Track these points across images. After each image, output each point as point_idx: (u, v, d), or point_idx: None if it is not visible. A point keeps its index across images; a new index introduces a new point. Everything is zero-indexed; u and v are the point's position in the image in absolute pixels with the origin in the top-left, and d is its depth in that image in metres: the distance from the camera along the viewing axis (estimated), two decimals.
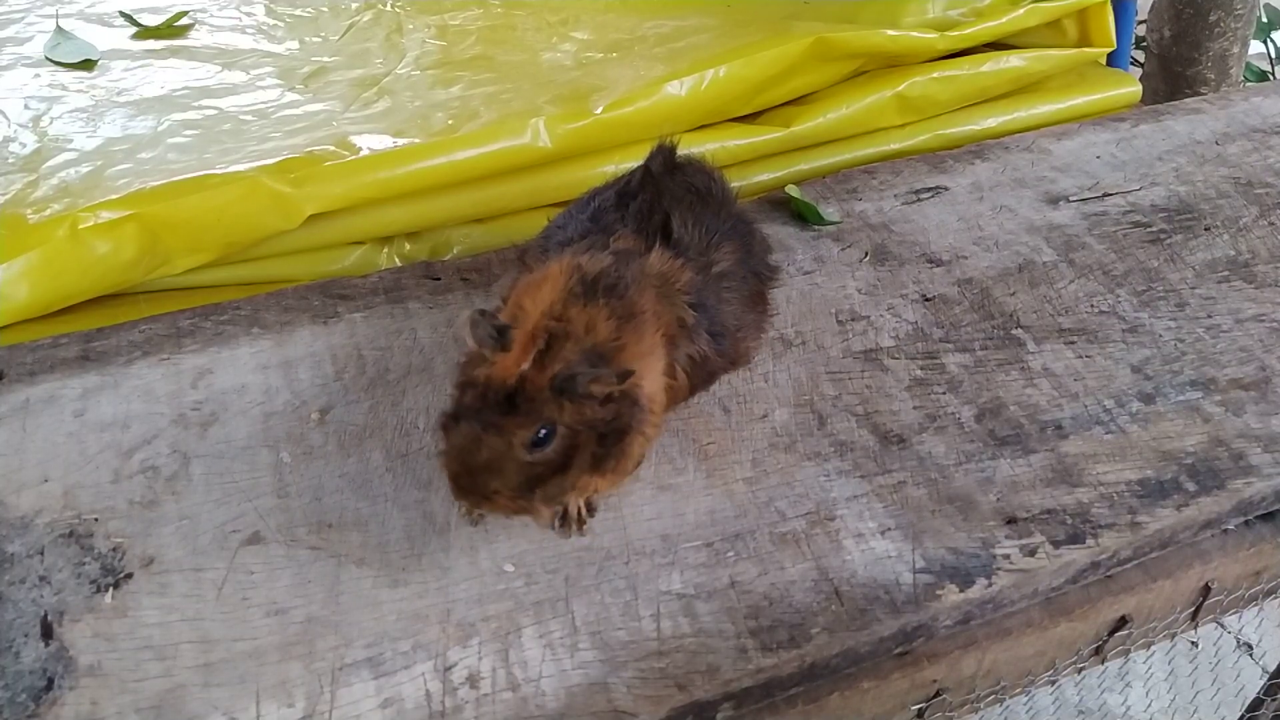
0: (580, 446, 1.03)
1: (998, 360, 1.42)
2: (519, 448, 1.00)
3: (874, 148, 2.02)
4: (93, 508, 1.18)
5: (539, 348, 1.01)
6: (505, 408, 1.00)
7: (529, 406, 1.00)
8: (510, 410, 1.00)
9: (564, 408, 1.01)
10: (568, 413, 1.01)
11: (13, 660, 1.03)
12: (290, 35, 2.19)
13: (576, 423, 1.02)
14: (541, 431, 1.00)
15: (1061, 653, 1.22)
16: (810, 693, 1.09)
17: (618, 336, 1.05)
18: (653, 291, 1.13)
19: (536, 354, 1.01)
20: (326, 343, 1.43)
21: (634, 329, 1.07)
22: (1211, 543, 1.26)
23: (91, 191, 1.59)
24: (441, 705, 1.00)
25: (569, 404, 1.01)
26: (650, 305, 1.11)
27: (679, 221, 1.24)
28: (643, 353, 1.08)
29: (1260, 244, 1.67)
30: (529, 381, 1.00)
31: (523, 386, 1.00)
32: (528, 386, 1.00)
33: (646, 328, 1.09)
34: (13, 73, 2.01)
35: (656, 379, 1.11)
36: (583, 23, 2.21)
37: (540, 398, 1.00)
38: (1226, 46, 2.74)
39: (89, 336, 1.43)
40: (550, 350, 1.01)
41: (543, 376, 1.00)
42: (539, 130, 1.73)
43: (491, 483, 1.01)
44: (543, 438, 1.01)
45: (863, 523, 1.18)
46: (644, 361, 1.08)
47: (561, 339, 1.02)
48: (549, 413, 1.00)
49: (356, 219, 1.71)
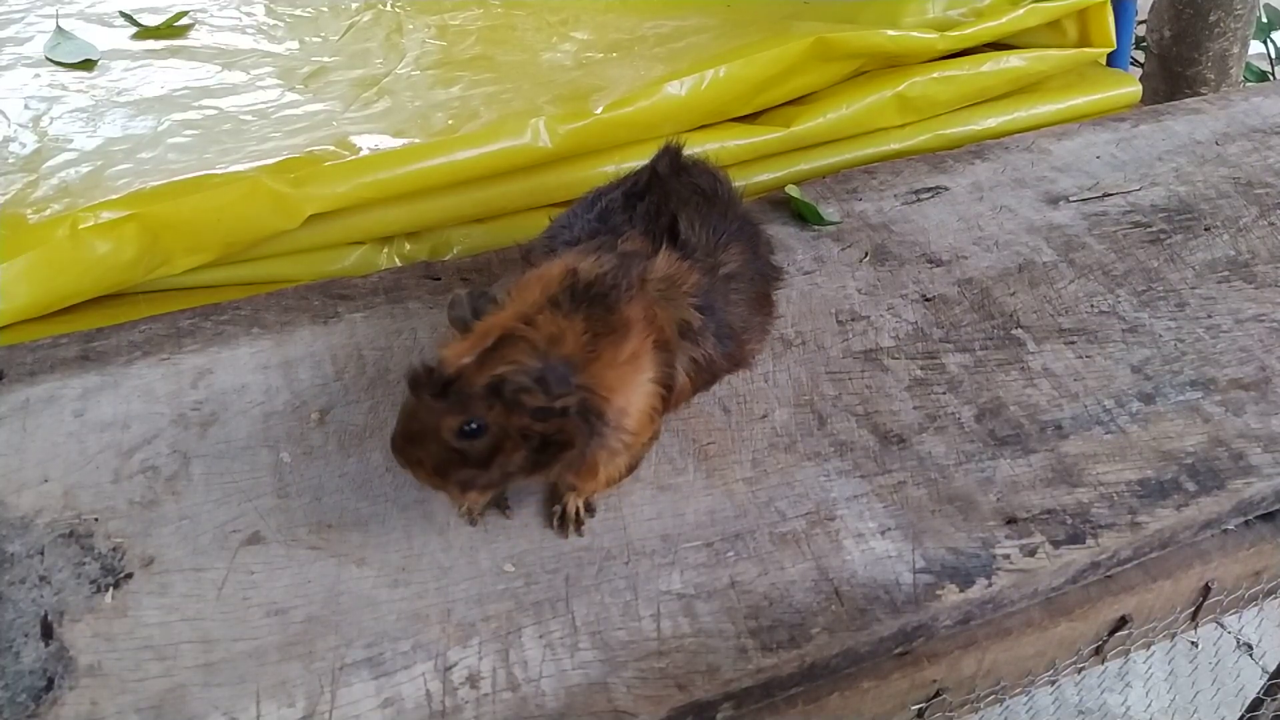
0: (505, 450, 1.04)
1: (998, 360, 1.42)
2: (446, 432, 1.03)
3: (874, 148, 2.02)
4: (93, 508, 1.18)
5: (485, 345, 1.03)
6: (440, 392, 1.02)
7: (458, 399, 1.02)
8: (443, 396, 1.02)
9: (494, 409, 1.02)
10: (497, 414, 1.03)
11: (13, 660, 1.03)
12: (290, 35, 2.19)
13: (506, 426, 1.03)
14: (472, 425, 1.02)
15: (1061, 653, 1.22)
16: (810, 693, 1.09)
17: (592, 349, 1.06)
18: (645, 299, 1.12)
19: (482, 351, 1.03)
20: (326, 343, 1.43)
21: (614, 341, 1.07)
22: (1211, 543, 1.26)
23: (91, 191, 1.59)
24: (441, 705, 1.00)
25: (500, 407, 1.02)
26: (640, 314, 1.11)
27: (686, 223, 1.24)
28: (619, 365, 1.08)
29: (1260, 244, 1.67)
30: (464, 376, 1.02)
31: (459, 378, 1.02)
32: (461, 381, 1.02)
33: (630, 339, 1.09)
34: (13, 73, 2.01)
35: (636, 391, 1.10)
36: (583, 23, 2.21)
37: (471, 393, 1.02)
38: (1226, 46, 2.74)
39: (89, 336, 1.43)
40: (496, 350, 1.03)
41: (479, 374, 1.02)
42: (539, 130, 1.73)
43: (416, 452, 1.05)
44: (472, 430, 1.03)
45: (863, 523, 1.18)
46: (619, 373, 1.08)
47: (513, 341, 1.04)
48: (477, 409, 1.02)
49: (356, 219, 1.71)
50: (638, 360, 1.10)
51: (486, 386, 1.01)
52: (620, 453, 1.12)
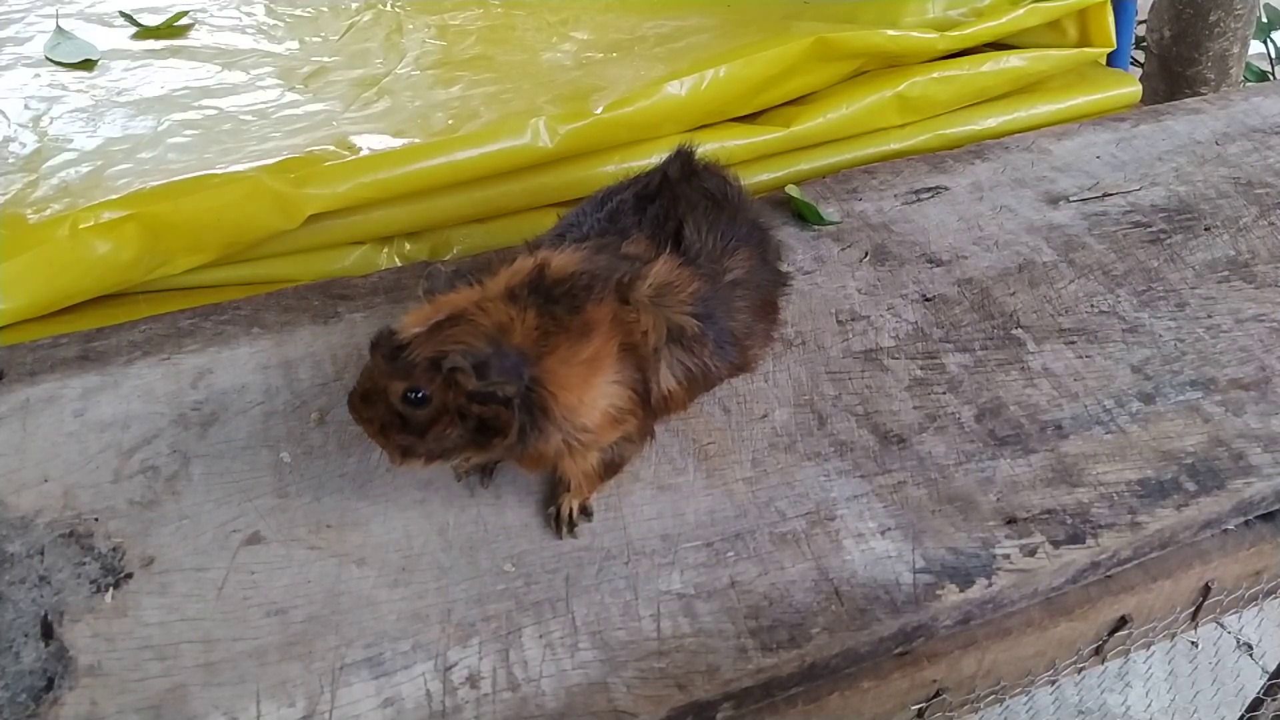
0: (442, 423, 1.08)
1: (998, 360, 1.42)
2: (393, 396, 1.07)
3: (874, 148, 2.02)
4: (93, 508, 1.18)
5: (437, 319, 1.07)
6: (391, 357, 1.06)
7: (403, 366, 1.06)
8: (393, 360, 1.06)
9: (435, 381, 1.06)
10: (439, 388, 1.06)
11: (13, 660, 1.03)
12: (290, 35, 2.19)
13: (446, 401, 1.07)
14: (417, 393, 1.06)
15: (1061, 653, 1.22)
16: (810, 693, 1.09)
17: (544, 344, 1.07)
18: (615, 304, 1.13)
19: (433, 324, 1.07)
20: (326, 343, 1.43)
21: (571, 340, 1.09)
22: (1211, 543, 1.26)
23: (91, 191, 1.59)
24: (441, 705, 1.00)
25: (441, 381, 1.06)
26: (608, 316, 1.12)
27: (692, 229, 1.25)
28: (575, 364, 1.09)
29: (1260, 244, 1.67)
30: (412, 345, 1.06)
31: (408, 346, 1.06)
32: (409, 349, 1.06)
33: (592, 339, 1.10)
34: (13, 73, 2.01)
35: (593, 391, 1.11)
36: (583, 23, 2.21)
37: (415, 363, 1.05)
38: (1226, 46, 2.74)
39: (89, 336, 1.43)
40: (445, 326, 1.06)
41: (425, 346, 1.06)
42: (539, 130, 1.73)
43: (365, 410, 1.10)
44: (417, 399, 1.07)
45: (863, 523, 1.18)
46: (573, 372, 1.09)
47: (463, 322, 1.07)
48: (420, 379, 1.06)
49: (356, 219, 1.71)
50: (598, 361, 1.10)
51: (429, 359, 1.05)
52: (582, 450, 1.13)
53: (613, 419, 1.13)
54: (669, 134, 1.84)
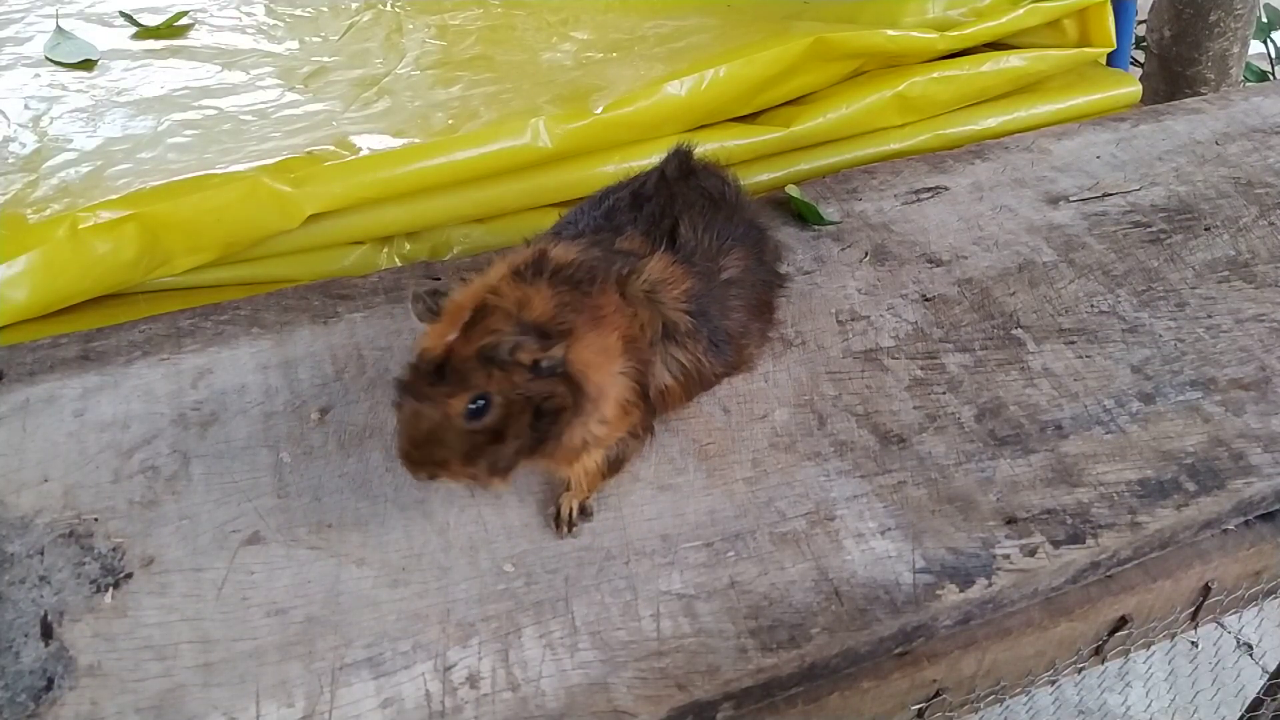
0: (514, 416, 1.03)
1: (998, 360, 1.42)
2: (456, 417, 1.02)
3: (874, 148, 2.02)
4: (93, 508, 1.18)
5: (465, 319, 1.03)
6: (435, 378, 1.01)
7: (456, 376, 1.01)
8: (439, 380, 1.01)
9: (492, 376, 1.02)
10: (497, 381, 1.02)
11: (13, 660, 1.03)
12: (290, 35, 2.19)
13: (508, 392, 1.03)
14: (478, 401, 1.01)
15: (1061, 653, 1.22)
16: (810, 693, 1.09)
17: (562, 320, 1.06)
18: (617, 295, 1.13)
19: (463, 325, 1.03)
20: (326, 343, 1.43)
21: (586, 320, 1.07)
22: (1211, 543, 1.26)
23: (91, 191, 1.59)
24: (441, 705, 1.00)
25: (498, 372, 1.02)
26: (612, 306, 1.11)
27: (688, 227, 1.25)
28: (593, 348, 1.08)
29: (1260, 244, 1.67)
30: (454, 351, 1.02)
31: (449, 356, 1.02)
32: (454, 356, 1.02)
33: (602, 326, 1.09)
34: (13, 73, 2.01)
35: (611, 377, 1.10)
36: (583, 23, 2.21)
37: (467, 367, 1.01)
38: (1226, 46, 2.74)
39: (89, 336, 1.43)
40: (477, 321, 1.03)
41: (469, 346, 1.02)
42: (539, 130, 1.73)
43: (438, 452, 1.03)
44: (479, 408, 1.02)
45: (863, 523, 1.18)
46: (594, 355, 1.08)
47: (490, 311, 1.04)
48: (477, 381, 1.01)
49: (356, 219, 1.71)
50: (610, 349, 1.10)
51: (478, 355, 1.01)
52: (595, 444, 1.13)
53: (623, 410, 1.13)
54: (669, 134, 1.84)
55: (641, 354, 1.14)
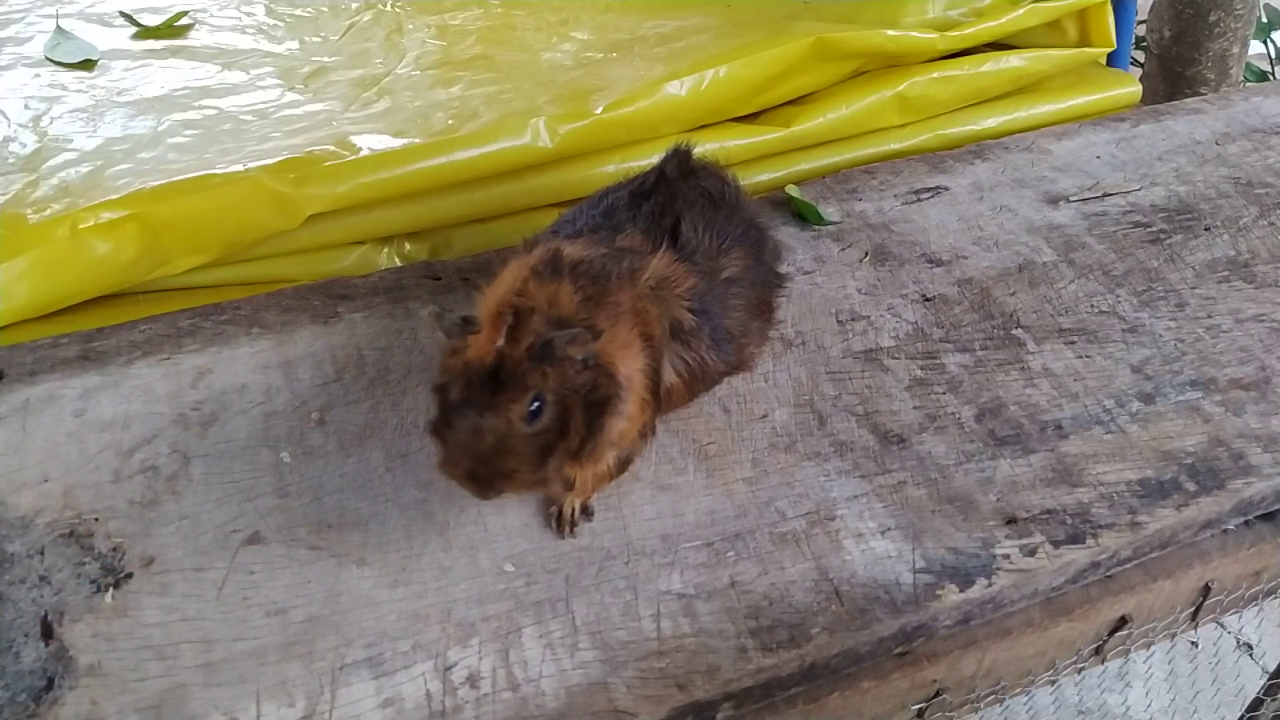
0: (571, 410, 1.03)
1: (998, 360, 1.42)
2: (519, 422, 1.00)
3: (874, 148, 2.02)
4: (93, 508, 1.18)
5: (508, 323, 1.02)
6: (491, 387, 1.00)
7: (513, 380, 1.00)
8: (497, 389, 1.00)
9: (546, 375, 1.01)
10: (551, 379, 1.01)
11: (13, 660, 1.03)
12: (290, 35, 2.19)
13: (562, 388, 1.02)
14: (535, 403, 1.01)
15: (1061, 653, 1.22)
16: (810, 693, 1.09)
17: (586, 315, 1.06)
18: (633, 291, 1.13)
19: (508, 330, 1.02)
20: (327, 343, 1.43)
21: (608, 315, 1.07)
22: (1211, 543, 1.26)
23: (91, 191, 1.59)
24: (441, 705, 1.00)
25: (551, 370, 1.01)
26: (629, 303, 1.11)
27: (689, 225, 1.25)
28: (617, 342, 1.08)
29: (1260, 244, 1.67)
30: (507, 356, 1.01)
31: (503, 362, 1.01)
32: (507, 361, 1.01)
33: (623, 321, 1.09)
34: (13, 73, 2.00)
35: (634, 370, 1.11)
36: (583, 23, 2.21)
37: (522, 369, 1.00)
38: (1226, 46, 2.74)
39: (89, 336, 1.43)
40: (519, 324, 1.03)
41: (518, 349, 1.01)
42: (539, 130, 1.73)
43: (508, 463, 1.01)
44: (537, 409, 1.01)
45: (863, 523, 1.18)
46: (618, 349, 1.08)
47: (528, 312, 1.03)
48: (534, 382, 1.01)
49: (356, 219, 1.71)
50: (631, 344, 1.10)
51: (529, 355, 1.00)
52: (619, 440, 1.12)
53: (641, 406, 1.13)
54: (669, 134, 1.84)
55: (655, 350, 1.14)
